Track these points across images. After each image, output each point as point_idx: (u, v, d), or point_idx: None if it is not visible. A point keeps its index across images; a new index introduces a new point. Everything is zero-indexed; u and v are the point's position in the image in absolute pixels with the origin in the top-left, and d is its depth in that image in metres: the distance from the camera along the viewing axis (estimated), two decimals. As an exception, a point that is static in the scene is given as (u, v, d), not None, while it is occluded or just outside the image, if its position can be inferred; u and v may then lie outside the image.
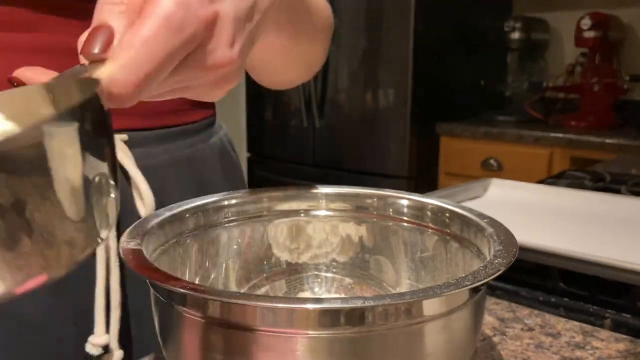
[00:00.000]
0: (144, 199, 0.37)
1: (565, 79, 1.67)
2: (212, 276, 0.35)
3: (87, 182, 0.16)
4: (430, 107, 1.64)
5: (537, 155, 1.48)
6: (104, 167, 0.17)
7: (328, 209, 0.37)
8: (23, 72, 0.21)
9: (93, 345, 0.36)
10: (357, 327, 0.22)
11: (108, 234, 0.18)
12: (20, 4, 0.34)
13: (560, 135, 1.46)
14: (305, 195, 0.37)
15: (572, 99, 1.69)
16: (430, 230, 0.34)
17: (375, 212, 0.36)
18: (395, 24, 1.58)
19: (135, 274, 0.24)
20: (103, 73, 0.19)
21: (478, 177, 0.69)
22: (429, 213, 0.34)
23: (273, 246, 0.36)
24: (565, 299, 0.41)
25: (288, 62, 0.39)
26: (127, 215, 0.37)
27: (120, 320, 0.37)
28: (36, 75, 0.21)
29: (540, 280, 0.43)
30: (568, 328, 0.37)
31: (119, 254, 0.35)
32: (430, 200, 0.35)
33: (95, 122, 0.16)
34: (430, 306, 0.23)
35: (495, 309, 0.40)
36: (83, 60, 0.20)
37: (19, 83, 0.21)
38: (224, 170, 0.46)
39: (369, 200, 0.36)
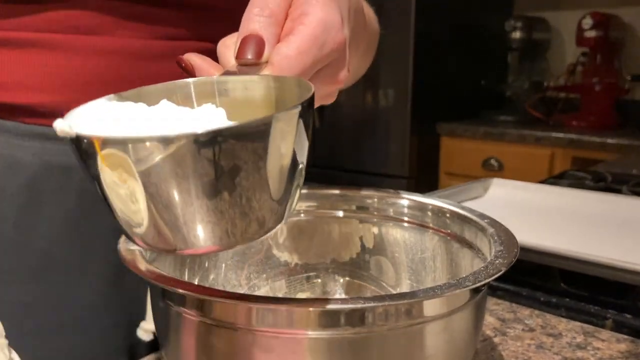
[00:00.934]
0: None
1: (566, 79, 1.67)
2: (212, 276, 0.35)
3: (293, 167, 0.19)
4: (430, 107, 1.64)
5: (538, 155, 1.48)
6: (305, 157, 0.20)
7: (328, 209, 0.37)
8: (192, 57, 0.24)
9: (144, 330, 0.38)
10: (357, 327, 0.22)
11: (287, 220, 0.21)
12: (85, 8, 0.35)
13: (561, 135, 1.45)
14: (305, 195, 0.37)
15: (573, 98, 1.68)
16: (430, 230, 0.34)
17: (375, 212, 0.36)
18: (394, 24, 1.57)
19: None
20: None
21: (479, 177, 0.69)
22: (429, 213, 0.34)
23: (273, 246, 0.36)
24: (567, 300, 0.41)
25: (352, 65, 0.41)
26: None
27: None
28: (204, 63, 0.24)
29: (541, 280, 0.43)
30: (569, 328, 0.36)
31: None
32: (431, 200, 0.35)
33: (308, 116, 0.19)
34: (431, 307, 0.23)
35: (496, 310, 0.40)
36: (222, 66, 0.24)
37: (187, 67, 0.24)
38: None
39: (369, 200, 0.36)
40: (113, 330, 0.38)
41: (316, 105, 0.28)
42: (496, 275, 0.24)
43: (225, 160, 0.17)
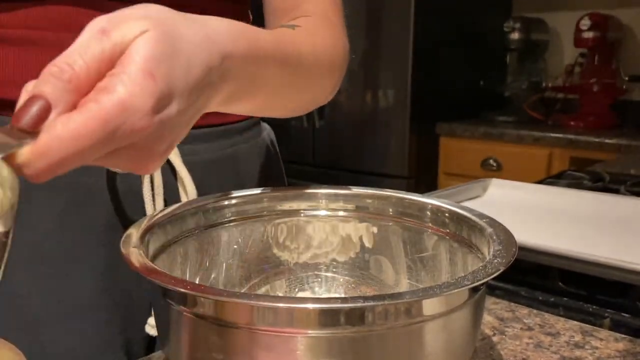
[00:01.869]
0: (188, 192, 0.39)
1: (565, 79, 1.67)
2: (212, 276, 0.35)
3: None
4: (430, 107, 1.64)
5: (536, 156, 1.48)
6: None
7: (328, 209, 0.37)
8: None
9: (152, 326, 0.38)
10: (357, 326, 0.22)
11: None
12: (83, 5, 0.35)
13: (560, 135, 1.46)
14: (305, 195, 0.37)
15: (572, 99, 1.69)
16: (430, 230, 0.34)
17: (375, 212, 0.36)
18: (395, 24, 1.58)
19: None
20: (22, 155, 0.19)
21: (477, 177, 0.69)
22: (428, 213, 0.35)
23: (273, 246, 0.37)
24: (565, 299, 0.41)
25: (278, 107, 0.39)
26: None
27: None
28: None
29: (540, 280, 0.43)
30: (567, 328, 0.37)
31: None
32: (430, 200, 0.35)
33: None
34: (430, 306, 0.23)
35: (495, 309, 0.40)
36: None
37: None
38: (265, 169, 0.48)
39: (369, 200, 0.36)
40: (107, 324, 0.38)
41: (138, 172, 0.25)
42: (495, 275, 0.24)
43: None
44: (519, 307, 0.40)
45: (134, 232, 0.28)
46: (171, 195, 0.40)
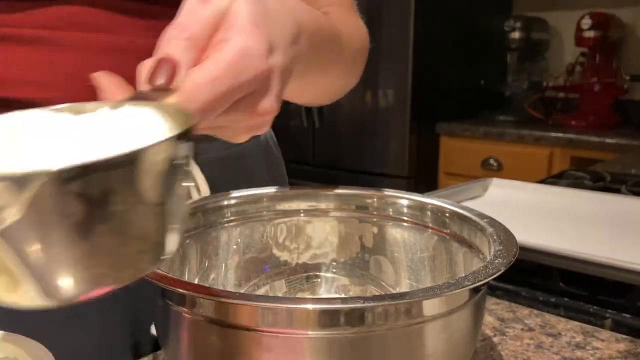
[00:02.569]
0: (201, 191, 0.40)
1: (566, 79, 1.67)
2: (212, 276, 0.35)
3: (163, 202, 0.17)
4: (430, 107, 1.64)
5: (537, 155, 1.48)
6: (184, 195, 0.19)
7: (328, 209, 0.37)
8: (100, 77, 0.23)
9: None
10: (357, 327, 0.22)
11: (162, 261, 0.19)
12: (87, 4, 0.35)
13: (561, 135, 1.46)
14: (305, 195, 0.37)
15: (573, 99, 1.69)
16: (430, 230, 0.34)
17: (375, 212, 0.36)
18: (395, 24, 1.57)
19: None
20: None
21: (478, 177, 0.69)
22: (429, 213, 0.34)
23: (273, 246, 0.36)
24: (566, 300, 0.41)
25: (315, 92, 0.40)
26: None
27: None
28: (110, 85, 0.23)
29: (541, 280, 0.43)
30: (568, 328, 0.37)
31: None
32: (430, 200, 0.35)
33: (183, 150, 0.18)
34: (431, 306, 0.23)
35: (496, 309, 0.40)
36: (144, 86, 0.22)
37: (93, 85, 0.23)
38: (269, 167, 0.49)
39: (369, 200, 0.36)
40: (117, 327, 0.39)
41: (241, 139, 0.27)
42: (495, 275, 0.24)
43: (92, 198, 0.15)
44: (520, 308, 0.40)
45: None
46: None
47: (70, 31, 0.35)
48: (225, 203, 0.35)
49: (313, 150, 1.81)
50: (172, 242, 0.19)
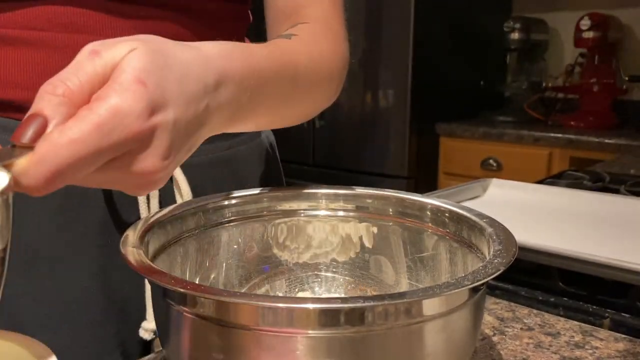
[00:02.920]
0: (183, 194, 0.39)
1: (565, 79, 1.67)
2: (212, 276, 0.35)
3: None
4: (429, 107, 1.64)
5: (536, 155, 1.48)
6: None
7: (328, 209, 0.37)
8: None
9: (145, 330, 0.38)
10: (357, 326, 0.22)
11: None
12: (74, 5, 0.35)
13: (560, 135, 1.46)
14: (305, 195, 0.37)
15: (572, 99, 1.69)
16: (430, 230, 0.34)
17: (375, 212, 0.36)
18: (395, 24, 1.58)
19: None
20: (19, 164, 0.20)
21: (477, 177, 0.69)
22: (428, 213, 0.35)
23: (273, 246, 0.37)
24: (565, 299, 0.41)
25: (271, 122, 0.39)
26: None
27: None
28: None
29: (540, 280, 0.43)
30: (567, 328, 0.37)
31: None
32: (430, 200, 0.35)
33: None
34: (430, 306, 0.23)
35: (495, 309, 0.40)
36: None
37: None
38: (264, 171, 0.48)
39: (369, 200, 0.36)
40: (102, 326, 0.38)
41: (137, 194, 0.26)
42: (495, 275, 0.24)
43: None
44: (519, 307, 0.40)
45: (133, 232, 0.28)
46: (166, 197, 0.40)
47: (54, 31, 0.35)
48: (226, 203, 0.35)
49: (313, 150, 1.81)
50: None
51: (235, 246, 0.36)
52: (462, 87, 1.73)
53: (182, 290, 0.23)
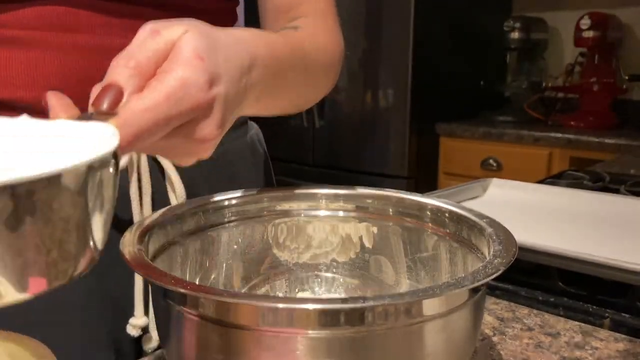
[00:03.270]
0: (176, 191, 0.40)
1: (565, 79, 1.67)
2: (212, 276, 0.35)
3: (86, 218, 0.19)
4: (429, 107, 1.64)
5: (536, 155, 1.48)
6: (109, 207, 0.20)
7: (328, 209, 0.37)
8: (50, 97, 0.24)
9: (133, 326, 0.38)
10: (357, 327, 0.22)
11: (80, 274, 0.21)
12: (66, 4, 0.35)
13: (560, 135, 1.46)
14: (305, 195, 0.37)
15: (571, 98, 1.69)
16: (430, 230, 0.34)
17: (375, 212, 0.36)
18: (395, 24, 1.58)
19: None
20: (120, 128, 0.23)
21: (477, 177, 0.69)
22: (428, 213, 0.35)
23: (273, 246, 0.37)
24: (565, 299, 0.41)
25: (280, 107, 0.41)
26: (159, 206, 0.39)
27: None
28: (57, 105, 0.23)
29: (540, 280, 0.43)
30: (567, 328, 0.37)
31: None
32: (430, 200, 0.35)
33: (105, 168, 0.19)
34: (430, 306, 0.23)
35: (495, 309, 0.40)
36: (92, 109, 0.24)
37: (44, 106, 0.24)
38: (255, 166, 0.49)
39: (369, 200, 0.36)
40: (97, 325, 0.39)
41: (185, 162, 0.29)
42: (495, 275, 0.24)
43: (17, 212, 0.16)
44: (519, 307, 0.40)
45: (133, 233, 0.28)
46: (159, 195, 0.40)
47: (49, 31, 0.35)
48: (226, 203, 0.35)
49: (313, 150, 1.81)
50: (88, 255, 0.20)
51: (235, 246, 0.36)
52: (462, 87, 1.73)
53: (182, 290, 0.23)
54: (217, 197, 0.36)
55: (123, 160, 0.36)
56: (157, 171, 0.40)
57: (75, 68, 0.36)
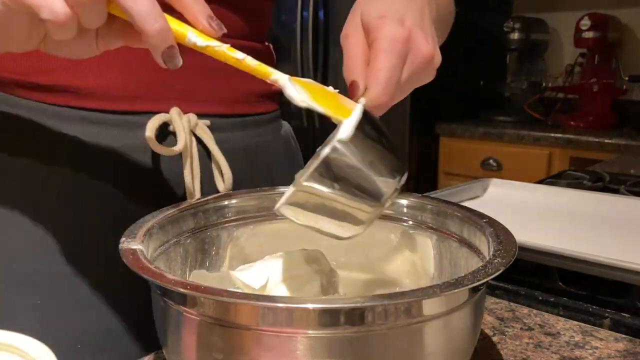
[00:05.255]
0: (224, 175, 0.41)
1: (565, 80, 1.67)
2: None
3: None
4: (430, 107, 1.64)
5: (536, 156, 1.48)
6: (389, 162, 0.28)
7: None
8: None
9: None
10: (357, 326, 0.22)
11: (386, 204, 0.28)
12: None
13: (560, 135, 1.46)
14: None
15: (571, 99, 1.69)
16: (429, 230, 0.34)
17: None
18: (394, 24, 1.57)
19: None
20: (368, 100, 0.30)
21: (477, 177, 0.69)
22: (428, 213, 0.35)
23: (273, 246, 0.36)
24: (565, 299, 0.41)
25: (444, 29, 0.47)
26: (207, 191, 0.40)
27: None
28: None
29: (540, 279, 0.43)
30: (567, 328, 0.37)
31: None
32: (430, 200, 0.35)
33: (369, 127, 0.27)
34: (430, 306, 0.23)
35: (495, 309, 0.40)
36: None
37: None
38: (288, 158, 0.51)
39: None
40: (119, 314, 0.39)
41: (429, 77, 0.38)
42: (495, 275, 0.24)
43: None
44: (519, 307, 0.40)
45: (133, 233, 0.28)
46: (207, 179, 0.41)
47: None
48: (226, 203, 0.35)
49: (313, 150, 1.80)
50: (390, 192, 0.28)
51: (235, 246, 0.36)
52: (463, 87, 1.72)
53: (182, 290, 0.23)
54: (217, 197, 0.35)
55: (179, 146, 0.38)
56: (206, 157, 0.41)
57: (136, 54, 0.36)
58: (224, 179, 0.41)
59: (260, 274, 0.32)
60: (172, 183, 0.40)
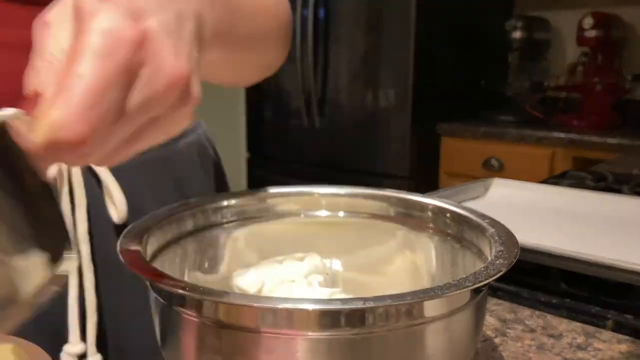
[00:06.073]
0: (116, 203, 0.36)
1: (567, 79, 1.67)
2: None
3: None
4: (430, 107, 1.64)
5: (538, 155, 1.48)
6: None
7: (328, 209, 0.37)
8: None
9: (68, 354, 0.35)
10: (358, 328, 0.22)
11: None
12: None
13: (562, 135, 1.45)
14: (305, 195, 0.37)
15: (574, 98, 1.68)
16: (430, 230, 0.34)
17: (375, 212, 0.36)
18: (395, 24, 1.57)
19: (110, 277, 0.24)
20: (48, 119, 0.19)
21: (479, 177, 0.69)
22: (429, 213, 0.34)
23: (273, 246, 0.36)
24: (567, 300, 0.40)
25: (236, 70, 0.39)
26: (98, 219, 0.36)
27: (96, 325, 0.36)
28: None
29: (542, 281, 0.43)
30: (570, 329, 0.36)
31: (93, 259, 0.35)
32: (431, 201, 0.35)
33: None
34: (431, 307, 0.23)
35: (497, 310, 0.40)
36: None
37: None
38: (204, 168, 0.45)
39: (369, 201, 0.36)
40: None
41: (180, 129, 0.24)
42: (496, 276, 0.24)
43: None
44: (521, 309, 0.40)
45: (131, 234, 0.28)
46: (95, 207, 0.36)
47: None
48: (225, 203, 0.35)
49: (313, 150, 1.80)
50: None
51: (234, 246, 0.36)
52: (464, 87, 1.72)
53: (181, 291, 0.23)
54: (217, 197, 0.35)
55: (51, 171, 0.32)
56: (93, 182, 0.36)
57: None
58: (116, 207, 0.36)
59: (256, 278, 0.31)
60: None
